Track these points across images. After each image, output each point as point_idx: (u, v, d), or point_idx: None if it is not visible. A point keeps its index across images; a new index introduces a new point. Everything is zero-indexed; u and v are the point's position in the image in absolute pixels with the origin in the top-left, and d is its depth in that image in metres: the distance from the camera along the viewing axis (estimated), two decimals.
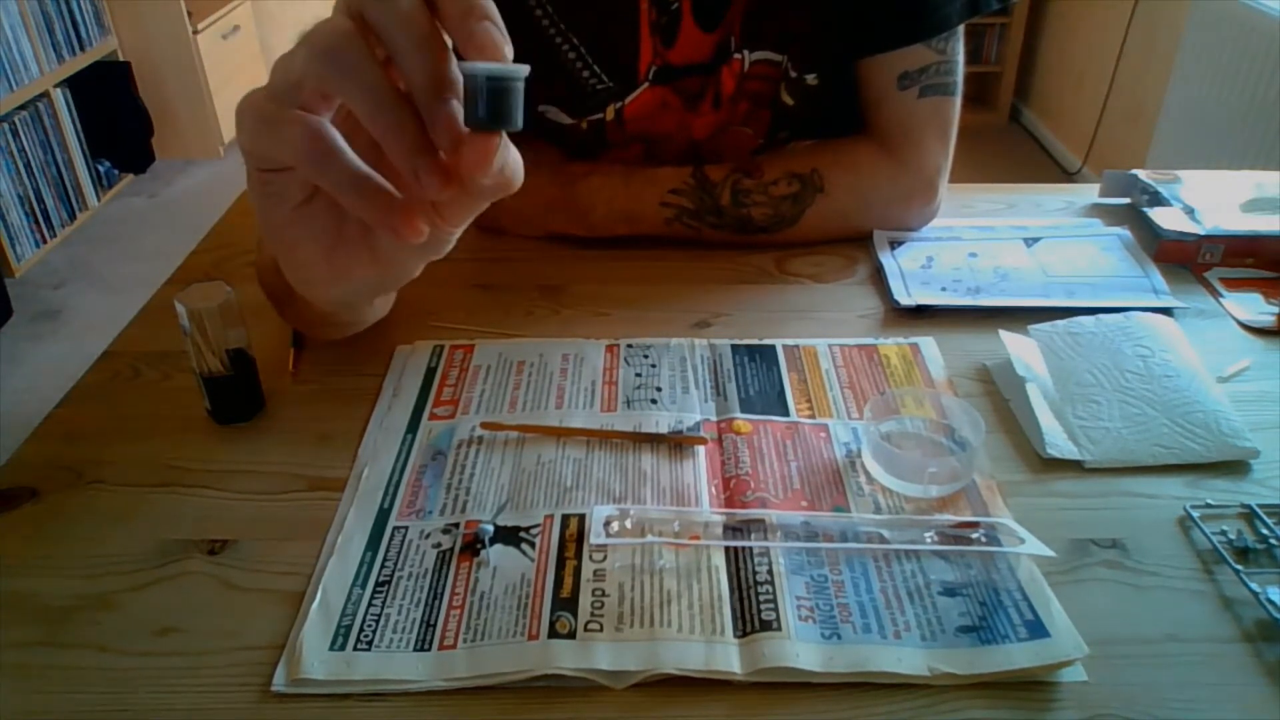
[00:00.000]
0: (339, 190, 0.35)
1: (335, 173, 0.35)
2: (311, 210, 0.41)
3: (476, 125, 0.33)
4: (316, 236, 0.41)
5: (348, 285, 0.45)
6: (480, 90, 0.33)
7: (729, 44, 0.74)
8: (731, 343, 0.64)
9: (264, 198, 0.40)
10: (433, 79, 0.33)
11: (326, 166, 0.35)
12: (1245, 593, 0.45)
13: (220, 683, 0.42)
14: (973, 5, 0.71)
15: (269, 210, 0.41)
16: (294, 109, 0.36)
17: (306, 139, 0.35)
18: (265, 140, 0.37)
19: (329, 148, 0.35)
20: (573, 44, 0.74)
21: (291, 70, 0.35)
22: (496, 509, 0.51)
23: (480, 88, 0.33)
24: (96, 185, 2.93)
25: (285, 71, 0.36)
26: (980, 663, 0.42)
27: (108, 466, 0.55)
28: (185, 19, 3.05)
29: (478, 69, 0.33)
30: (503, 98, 0.33)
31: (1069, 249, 0.75)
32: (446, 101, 0.33)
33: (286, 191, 0.40)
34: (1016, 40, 3.30)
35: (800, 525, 0.49)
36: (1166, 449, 0.54)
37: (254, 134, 0.37)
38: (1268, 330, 0.66)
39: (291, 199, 0.40)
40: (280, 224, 0.41)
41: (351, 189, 0.35)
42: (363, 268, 0.42)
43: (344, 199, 0.36)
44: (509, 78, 0.33)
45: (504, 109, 0.33)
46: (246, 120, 0.37)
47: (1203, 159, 2.12)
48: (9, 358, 2.25)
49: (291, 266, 0.45)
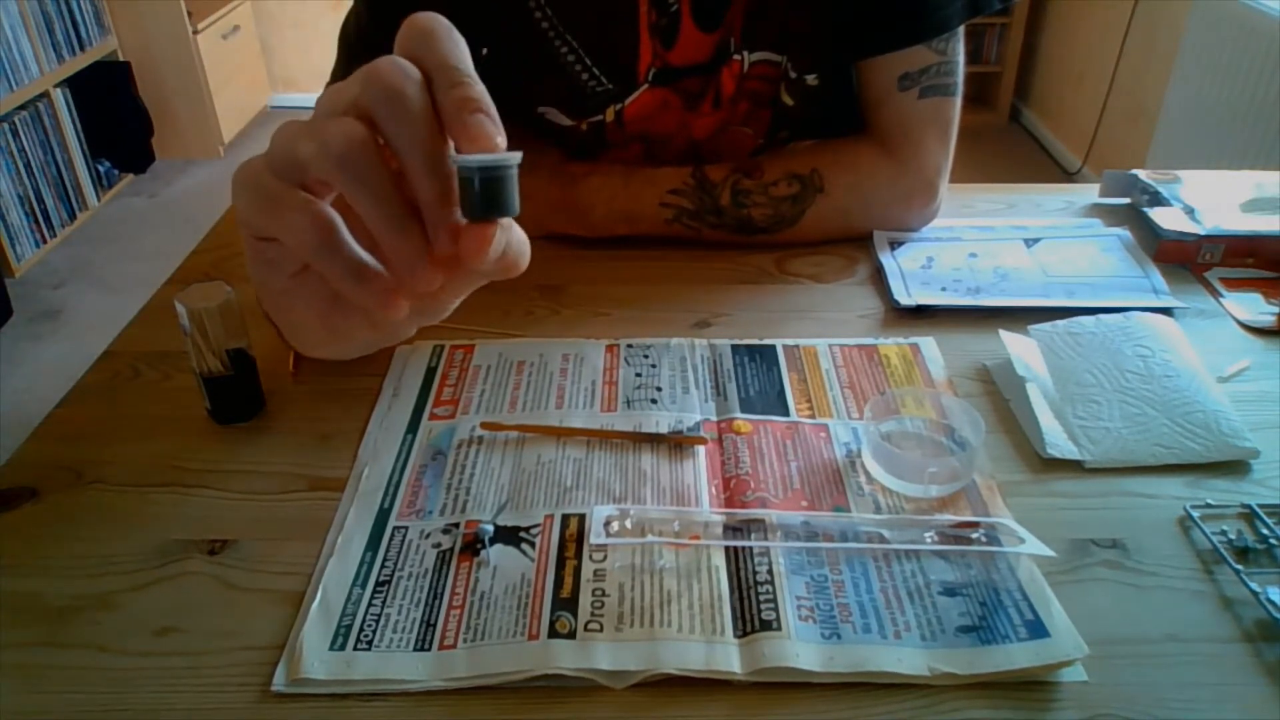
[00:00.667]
0: (339, 280, 0.35)
1: (339, 264, 0.35)
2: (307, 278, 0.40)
3: (473, 216, 0.34)
4: (311, 303, 0.41)
5: (344, 345, 0.45)
6: (475, 182, 0.33)
7: (729, 44, 0.74)
8: (731, 343, 0.64)
9: (260, 264, 0.40)
10: (441, 192, 0.34)
11: (331, 258, 0.35)
12: (1245, 593, 0.45)
13: (220, 683, 0.42)
14: (973, 6, 0.71)
15: (265, 276, 0.41)
16: (296, 190, 0.35)
17: (314, 229, 0.34)
18: (265, 218, 0.36)
19: (334, 241, 0.35)
20: (572, 46, 0.74)
21: (297, 152, 0.35)
22: (496, 509, 0.51)
23: (475, 180, 0.33)
24: (96, 185, 2.93)
25: (289, 149, 0.35)
26: (980, 663, 0.42)
27: (108, 466, 0.55)
28: (185, 19, 3.05)
29: (470, 161, 0.33)
30: (498, 187, 0.33)
31: (1069, 249, 0.75)
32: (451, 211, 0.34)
33: (282, 259, 0.39)
34: (1016, 40, 3.30)
35: (800, 525, 0.49)
36: (1166, 449, 0.54)
37: (254, 209, 0.37)
38: (1268, 330, 0.66)
39: (288, 267, 0.40)
40: (276, 291, 0.41)
41: (352, 279, 0.35)
42: (359, 330, 0.42)
43: (342, 287, 0.35)
44: (502, 166, 0.33)
45: (499, 198, 0.33)
46: (247, 193, 0.37)
47: (1203, 159, 2.12)
48: (9, 358, 2.25)
49: (287, 328, 0.45)
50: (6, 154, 2.54)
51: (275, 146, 0.36)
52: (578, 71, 0.75)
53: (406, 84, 0.33)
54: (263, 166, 0.36)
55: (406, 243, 0.34)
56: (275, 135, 0.36)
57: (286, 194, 0.35)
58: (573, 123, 0.79)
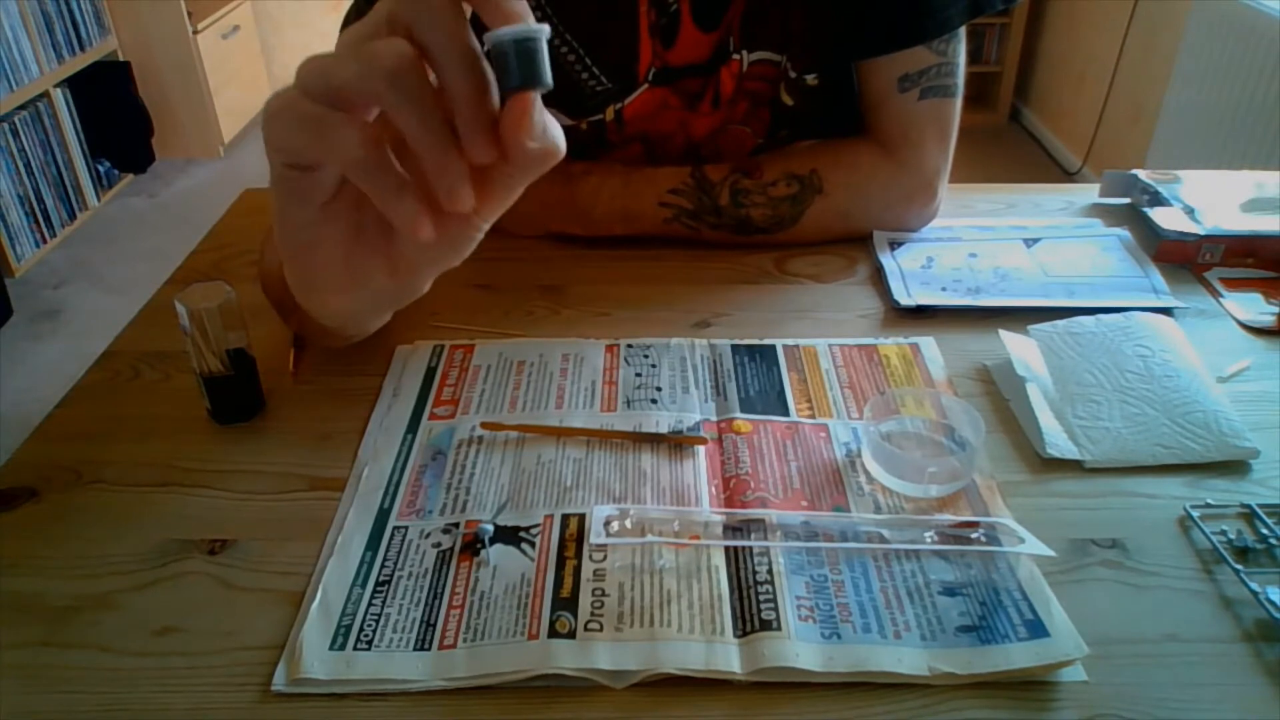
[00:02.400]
0: (383, 197, 0.36)
1: (387, 179, 0.35)
2: (335, 210, 0.41)
3: (510, 89, 0.34)
4: (336, 239, 0.41)
5: (360, 294, 0.44)
6: (509, 54, 0.34)
7: (728, 44, 0.74)
8: (731, 343, 0.64)
9: (289, 195, 0.40)
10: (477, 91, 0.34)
11: (380, 172, 0.35)
12: (1245, 593, 0.45)
13: (220, 683, 0.42)
14: (975, 7, 0.71)
15: (293, 209, 0.41)
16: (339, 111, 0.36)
17: (364, 145, 0.35)
18: (306, 139, 0.36)
19: (384, 155, 0.35)
20: (572, 45, 0.74)
21: (338, 75, 0.35)
22: (496, 509, 0.51)
23: (509, 52, 0.34)
24: (96, 185, 2.93)
25: (327, 75, 0.36)
26: (980, 663, 0.42)
27: (108, 466, 0.55)
28: (185, 19, 3.05)
29: (503, 34, 0.34)
30: (531, 56, 0.34)
31: (1069, 249, 0.75)
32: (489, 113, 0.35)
33: (314, 190, 0.39)
34: (1016, 40, 3.30)
35: (800, 525, 0.49)
36: (1166, 449, 0.54)
37: (293, 132, 0.37)
38: (1268, 330, 0.66)
39: (318, 198, 0.40)
40: (302, 224, 0.41)
41: (395, 194, 0.35)
42: (378, 275, 0.42)
43: (385, 204, 0.36)
44: (533, 36, 0.34)
45: (533, 67, 0.34)
46: (284, 117, 0.37)
47: (1203, 159, 2.12)
48: (9, 358, 2.25)
49: (306, 270, 0.44)
50: (6, 154, 2.54)
51: (309, 75, 0.36)
52: (577, 71, 0.75)
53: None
54: (299, 94, 0.36)
55: (449, 157, 0.35)
56: (301, 68, 0.36)
57: (329, 114, 0.36)
58: (572, 122, 0.79)
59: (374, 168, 0.35)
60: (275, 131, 0.37)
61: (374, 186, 0.35)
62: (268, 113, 0.37)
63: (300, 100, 0.36)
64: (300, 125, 0.36)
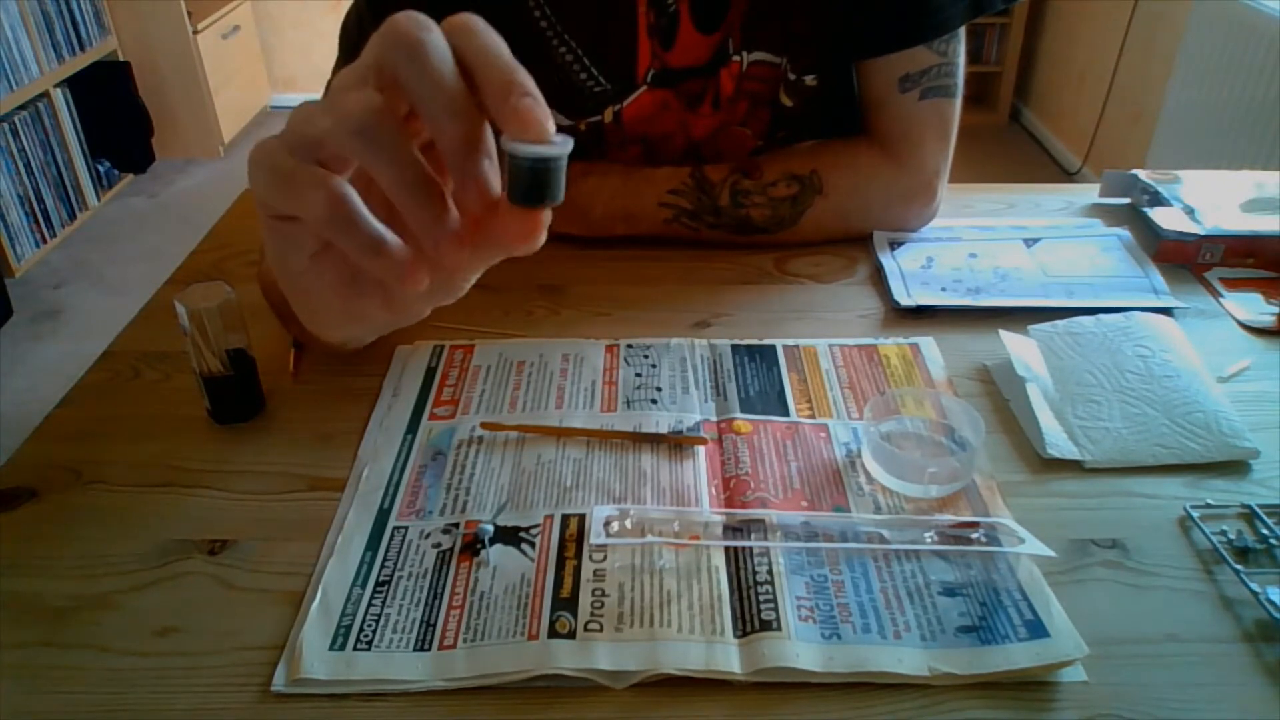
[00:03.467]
0: (358, 254, 0.35)
1: (356, 238, 0.34)
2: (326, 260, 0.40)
3: (523, 203, 0.33)
4: (332, 284, 0.40)
5: (360, 327, 0.45)
6: (524, 173, 0.32)
7: (728, 45, 0.74)
8: (731, 343, 0.64)
9: (278, 244, 0.40)
10: (466, 143, 0.33)
11: (349, 232, 0.34)
12: (1245, 593, 0.45)
13: (220, 683, 0.42)
14: (975, 6, 0.71)
15: (284, 257, 0.40)
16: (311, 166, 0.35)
17: (329, 204, 0.34)
18: (281, 195, 0.36)
19: (351, 214, 0.34)
20: (570, 46, 0.74)
21: (313, 128, 0.35)
22: (496, 509, 0.51)
23: (524, 169, 0.32)
24: (96, 185, 2.93)
25: (305, 125, 0.35)
26: (980, 663, 0.42)
27: (108, 466, 0.55)
28: (185, 19, 3.05)
29: (521, 151, 0.32)
30: (550, 177, 0.33)
31: (1069, 249, 0.75)
32: (479, 164, 0.33)
33: (301, 238, 0.39)
34: (1016, 40, 3.29)
35: (800, 525, 0.49)
36: (1166, 449, 0.54)
37: (270, 187, 0.37)
38: (1268, 330, 0.66)
39: (308, 247, 0.39)
40: (295, 272, 0.41)
41: (370, 253, 0.34)
42: (376, 311, 0.42)
43: (362, 262, 0.35)
44: (554, 158, 0.33)
45: (550, 187, 0.33)
46: (263, 172, 0.37)
47: (1203, 159, 2.12)
48: (9, 358, 2.25)
49: (304, 310, 0.44)
50: (6, 154, 2.54)
51: (291, 125, 0.36)
52: (576, 71, 0.75)
53: (425, 32, 0.33)
54: (278, 145, 0.36)
55: (428, 210, 0.33)
56: (292, 116, 0.36)
57: (300, 169, 0.35)
58: (571, 123, 0.78)
59: (342, 224, 0.34)
60: (255, 183, 0.37)
61: (345, 243, 0.35)
62: (250, 161, 0.37)
63: (277, 152, 0.36)
64: (273, 179, 0.36)
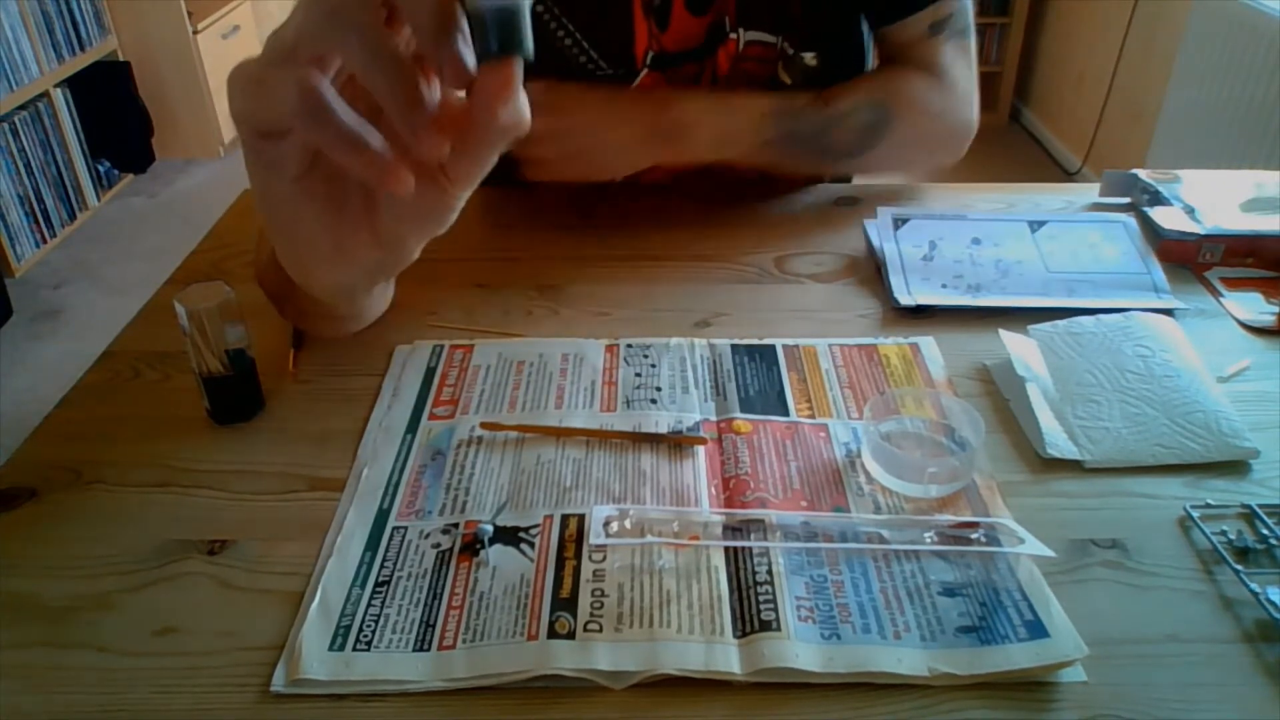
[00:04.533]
0: (334, 146, 0.34)
1: (331, 127, 0.34)
2: (311, 183, 0.40)
3: (489, 57, 0.33)
4: (317, 213, 0.40)
5: (349, 267, 0.44)
6: (488, 20, 0.32)
7: (723, 24, 0.75)
8: (731, 343, 0.64)
9: (262, 168, 0.39)
10: (437, 18, 0.33)
11: (322, 120, 0.34)
12: (1245, 593, 0.45)
13: (220, 683, 0.42)
14: None
15: (268, 182, 0.40)
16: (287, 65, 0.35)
17: (301, 93, 0.34)
18: (257, 100, 0.36)
19: (323, 102, 0.34)
20: (569, 30, 0.75)
21: (287, 35, 0.35)
22: (496, 509, 0.51)
23: (488, 17, 0.32)
24: (96, 185, 2.93)
25: (279, 39, 0.35)
26: (980, 663, 0.42)
27: (108, 466, 0.55)
28: (185, 19, 3.05)
29: (483, 4, 0.32)
30: (511, 24, 0.32)
31: (1073, 235, 0.75)
32: (453, 41, 0.33)
33: (285, 160, 0.39)
34: (1016, 40, 3.29)
35: (800, 525, 0.49)
36: (1166, 449, 0.54)
37: (246, 95, 0.36)
38: (1268, 330, 0.66)
39: (290, 169, 0.39)
40: (280, 198, 0.40)
41: (346, 144, 0.34)
42: (364, 248, 0.41)
43: (339, 155, 0.34)
44: (515, 7, 0.32)
45: (514, 36, 0.32)
46: (239, 83, 0.37)
47: (1203, 159, 2.12)
48: (9, 358, 2.25)
49: (291, 247, 0.44)
50: (6, 154, 2.54)
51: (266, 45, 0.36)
52: (575, 55, 0.76)
53: None
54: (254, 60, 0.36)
55: (403, 91, 0.33)
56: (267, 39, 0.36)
57: (273, 70, 0.35)
58: None
59: (316, 114, 0.34)
60: (233, 99, 0.37)
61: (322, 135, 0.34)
62: (228, 81, 0.37)
63: (252, 64, 0.36)
64: (248, 85, 0.36)
